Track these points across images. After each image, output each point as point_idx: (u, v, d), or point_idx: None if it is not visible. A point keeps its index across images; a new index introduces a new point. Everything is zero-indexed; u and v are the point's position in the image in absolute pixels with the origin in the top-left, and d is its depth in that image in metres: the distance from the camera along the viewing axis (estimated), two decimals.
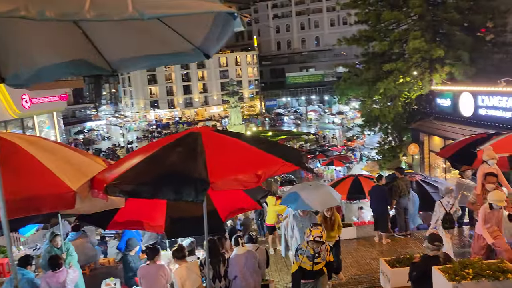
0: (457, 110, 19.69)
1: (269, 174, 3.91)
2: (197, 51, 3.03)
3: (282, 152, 4.26)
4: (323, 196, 7.50)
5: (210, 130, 4.51)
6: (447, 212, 8.18)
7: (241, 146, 4.24)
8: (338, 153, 37.79)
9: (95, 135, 66.57)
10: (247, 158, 4.01)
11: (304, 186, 7.95)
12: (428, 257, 5.20)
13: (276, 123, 68.56)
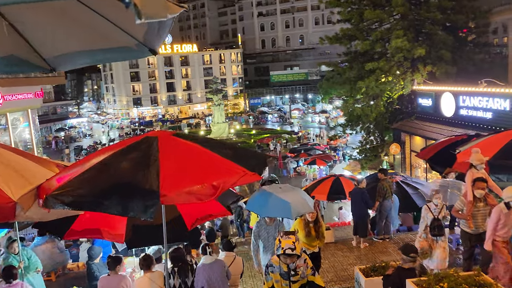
0: (438, 110, 19.67)
1: (228, 185, 3.58)
2: (141, 46, 2.69)
3: (245, 160, 3.93)
4: (296, 200, 6.64)
5: (169, 135, 4.14)
6: (435, 218, 7.64)
7: (201, 153, 3.89)
8: (321, 152, 37.67)
9: (77, 132, 65.29)
10: (206, 167, 3.67)
11: (273, 188, 7.01)
12: (403, 269, 4.91)
13: (260, 121, 68.25)
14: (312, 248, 7.29)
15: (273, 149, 42.23)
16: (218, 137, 51.22)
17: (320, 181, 18.12)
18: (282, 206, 6.35)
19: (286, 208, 6.32)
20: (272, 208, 6.46)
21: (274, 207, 6.42)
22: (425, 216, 7.82)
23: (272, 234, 6.54)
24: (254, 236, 6.81)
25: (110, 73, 78.42)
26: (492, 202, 6.96)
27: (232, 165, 3.74)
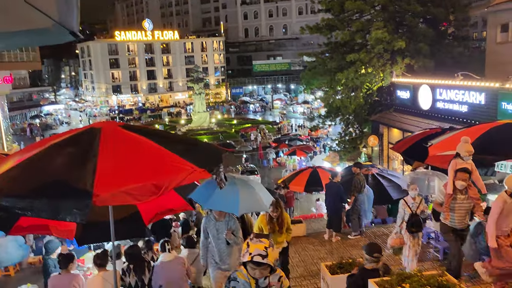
0: (416, 103, 19.68)
1: (174, 183, 3.28)
2: (59, 26, 2.35)
3: (197, 155, 3.64)
4: (248, 196, 6.04)
5: (116, 126, 3.81)
6: (413, 213, 7.16)
7: (147, 148, 3.58)
8: (301, 142, 37.63)
9: (53, 119, 63.76)
10: (150, 164, 3.36)
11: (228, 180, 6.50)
12: (365, 270, 4.71)
13: (241, 111, 67.87)
14: (279, 245, 6.92)
15: (254, 139, 41.99)
16: (199, 127, 50.73)
17: (298, 172, 18.00)
18: (230, 200, 5.79)
19: (233, 203, 5.78)
20: (217, 201, 5.78)
21: (220, 200, 5.76)
22: (402, 211, 7.34)
23: (222, 231, 5.98)
24: (203, 233, 6.21)
25: (88, 59, 76.65)
26: (474, 195, 6.46)
27: (181, 161, 3.44)
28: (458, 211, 6.48)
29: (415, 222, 7.13)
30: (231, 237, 5.93)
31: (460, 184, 6.34)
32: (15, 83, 62.75)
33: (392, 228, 10.44)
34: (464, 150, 6.82)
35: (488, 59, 20.60)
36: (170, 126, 54.98)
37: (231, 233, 5.93)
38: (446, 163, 10.05)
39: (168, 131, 7.21)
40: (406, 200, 7.35)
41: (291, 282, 7.43)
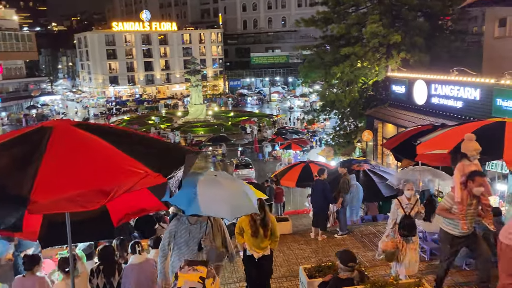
0: (411, 98, 19.41)
1: (124, 188, 3.03)
2: None
3: (155, 158, 3.40)
4: (234, 198, 5.32)
5: (69, 125, 3.56)
6: (406, 215, 6.47)
7: (100, 149, 3.33)
8: (302, 136, 37.41)
9: (49, 110, 63.32)
10: (99, 167, 3.11)
11: (208, 180, 5.41)
12: (339, 280, 4.46)
13: (239, 103, 67.49)
14: (261, 251, 6.18)
15: (249, 132, 41.73)
16: (196, 119, 50.41)
17: (290, 167, 17.82)
18: (218, 203, 5.14)
19: (222, 206, 5.16)
20: (204, 205, 5.02)
21: (207, 203, 5.04)
22: (394, 212, 6.66)
23: (196, 236, 5.29)
24: (169, 237, 5.34)
25: (85, 50, 76.09)
26: (485, 202, 5.76)
27: (135, 164, 3.20)
28: (467, 217, 5.72)
29: (407, 225, 6.45)
30: (208, 243, 5.38)
31: (478, 191, 5.58)
32: (10, 73, 62.52)
33: (381, 227, 10.26)
34: (472, 149, 6.23)
35: (485, 54, 20.29)
36: (166, 118, 54.66)
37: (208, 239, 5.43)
38: (435, 161, 9.83)
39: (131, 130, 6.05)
40: (400, 200, 6.70)
41: (272, 282, 7.23)
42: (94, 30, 77.97)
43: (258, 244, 6.17)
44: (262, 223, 6.14)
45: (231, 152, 35.70)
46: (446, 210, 5.88)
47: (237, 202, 5.27)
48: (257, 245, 6.18)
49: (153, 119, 52.29)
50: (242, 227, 6.28)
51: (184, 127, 47.25)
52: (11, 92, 62.30)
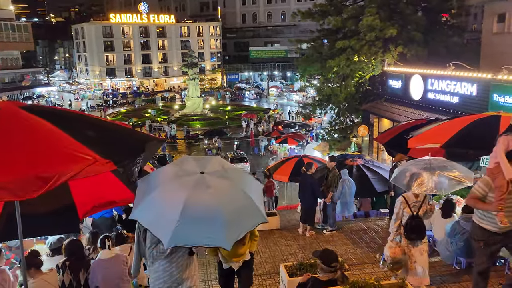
0: (407, 93, 19.11)
1: (68, 176, 2.72)
2: None
3: (107, 144, 3.08)
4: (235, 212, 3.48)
5: (15, 106, 3.24)
6: (414, 215, 5.57)
7: (44, 133, 3.01)
8: (293, 130, 37.10)
9: (45, 101, 62.84)
10: (39, 152, 2.80)
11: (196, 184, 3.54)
12: (319, 282, 4.11)
13: (237, 97, 67.07)
14: (240, 258, 5.21)
15: (245, 126, 41.40)
16: (192, 112, 50.03)
17: (283, 161, 17.54)
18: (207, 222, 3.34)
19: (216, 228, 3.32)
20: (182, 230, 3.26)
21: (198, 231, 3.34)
22: (399, 212, 5.72)
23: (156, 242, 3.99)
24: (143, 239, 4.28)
25: (82, 41, 75.41)
26: None
27: (82, 149, 2.88)
28: (508, 208, 4.54)
29: (416, 227, 5.55)
30: None
31: None
32: (6, 64, 61.88)
33: (371, 223, 9.99)
34: None
35: (483, 50, 19.97)
36: (163, 111, 54.27)
37: None
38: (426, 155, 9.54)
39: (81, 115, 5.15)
40: (407, 198, 5.71)
41: (255, 279, 6.94)
42: (92, 21, 77.20)
43: (235, 252, 4.99)
44: None
45: (227, 145, 35.39)
46: (478, 200, 4.75)
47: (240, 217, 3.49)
48: (234, 253, 5.00)
49: (150, 111, 51.89)
50: None
51: (181, 120, 46.90)
52: (7, 82, 61.66)
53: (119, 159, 3.00)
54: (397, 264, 5.65)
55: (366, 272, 6.93)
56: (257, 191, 3.93)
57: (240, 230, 3.37)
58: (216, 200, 3.42)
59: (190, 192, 3.41)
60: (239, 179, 3.88)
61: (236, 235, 3.31)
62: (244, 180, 3.96)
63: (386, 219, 10.30)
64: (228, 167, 4.09)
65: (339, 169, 12.12)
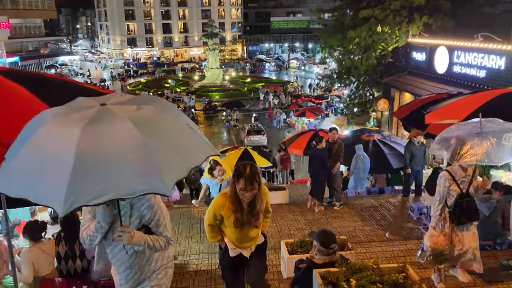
0: (431, 66, 18.30)
1: None
2: None
3: None
4: None
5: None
6: (463, 193, 4.59)
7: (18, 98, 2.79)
8: (313, 104, 36.50)
9: (68, 70, 63.43)
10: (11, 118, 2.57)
11: (86, 115, 2.51)
12: (314, 265, 3.85)
13: (257, 69, 66.26)
14: (252, 243, 3.98)
15: (263, 99, 40.94)
16: (212, 83, 49.73)
17: (298, 134, 17.22)
18: (125, 163, 2.35)
19: (140, 169, 2.35)
20: (82, 181, 2.26)
21: (92, 173, 2.28)
22: (443, 190, 4.63)
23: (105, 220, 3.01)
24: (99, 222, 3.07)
25: (104, 10, 75.24)
26: None
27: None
28: None
29: (467, 207, 4.57)
30: (127, 234, 2.90)
31: None
32: (29, 31, 62.34)
33: (383, 200, 9.67)
34: None
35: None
36: (183, 82, 54.11)
37: (128, 228, 2.96)
38: None
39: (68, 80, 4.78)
40: (452, 173, 4.63)
41: None
42: None
43: (246, 235, 3.88)
44: (252, 205, 3.70)
45: (245, 118, 35.14)
46: None
47: (178, 149, 2.58)
48: (244, 238, 3.89)
49: (169, 82, 51.81)
50: (220, 214, 3.81)
51: (200, 91, 46.72)
52: (31, 51, 62.27)
53: None
54: (440, 257, 4.70)
55: (373, 251, 6.68)
56: (191, 121, 2.97)
57: (181, 168, 2.48)
58: (135, 131, 2.39)
59: (88, 128, 2.36)
60: (164, 105, 2.94)
61: (176, 175, 2.44)
62: (171, 107, 3.07)
63: (399, 197, 9.97)
64: (146, 97, 3.25)
65: (355, 144, 11.79)
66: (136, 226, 3.08)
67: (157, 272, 3.30)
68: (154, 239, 3.09)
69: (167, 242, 3.19)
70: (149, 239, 3.06)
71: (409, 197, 9.83)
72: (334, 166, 9.09)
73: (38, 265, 4.75)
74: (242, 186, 3.55)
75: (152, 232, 3.13)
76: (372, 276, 3.47)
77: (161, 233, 3.16)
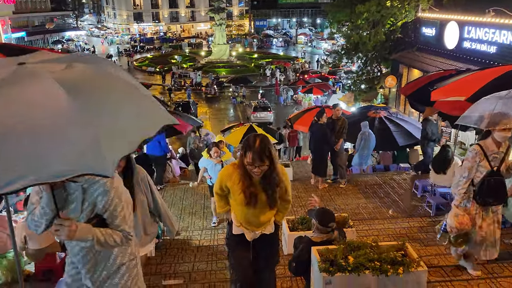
0: (441, 42, 17.95)
1: None
2: None
3: None
4: None
5: None
6: (494, 171, 4.13)
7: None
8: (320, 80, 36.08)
9: (74, 45, 63.12)
10: None
11: None
12: (312, 243, 3.84)
13: (264, 45, 65.42)
14: (259, 229, 3.53)
15: (269, 76, 40.55)
16: (218, 59, 49.26)
17: (304, 111, 17.10)
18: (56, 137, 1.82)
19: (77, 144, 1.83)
20: None
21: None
22: (472, 164, 4.16)
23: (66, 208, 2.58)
24: None
25: None
26: None
27: None
28: None
29: (495, 186, 4.11)
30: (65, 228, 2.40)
31: None
32: (35, 6, 61.84)
33: (387, 177, 9.63)
34: None
35: None
36: (189, 57, 53.67)
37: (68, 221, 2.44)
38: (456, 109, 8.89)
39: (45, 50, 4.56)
40: (484, 147, 4.15)
41: None
42: None
43: (253, 218, 3.44)
44: (266, 181, 3.25)
45: (252, 94, 34.92)
46: None
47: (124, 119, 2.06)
48: (252, 220, 3.46)
49: (176, 58, 51.43)
50: (226, 185, 3.42)
51: (207, 67, 46.37)
52: (37, 26, 61.92)
53: None
54: (462, 238, 4.31)
55: (375, 228, 6.69)
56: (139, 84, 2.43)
57: (126, 141, 1.97)
58: (62, 94, 1.89)
59: None
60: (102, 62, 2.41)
61: (119, 149, 1.91)
62: (112, 65, 2.50)
63: (404, 174, 9.92)
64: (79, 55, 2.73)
65: (361, 121, 11.69)
66: (88, 216, 2.54)
67: (117, 271, 2.75)
68: (106, 233, 2.52)
69: (125, 237, 2.61)
70: (99, 234, 2.49)
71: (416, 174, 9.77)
72: (337, 142, 9.01)
73: (31, 237, 4.79)
74: (250, 160, 3.09)
75: (106, 224, 2.58)
76: (370, 254, 3.46)
77: (117, 226, 2.57)
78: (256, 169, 3.12)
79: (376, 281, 3.38)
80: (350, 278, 3.38)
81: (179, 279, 4.94)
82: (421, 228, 6.66)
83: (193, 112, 25.85)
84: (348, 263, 3.39)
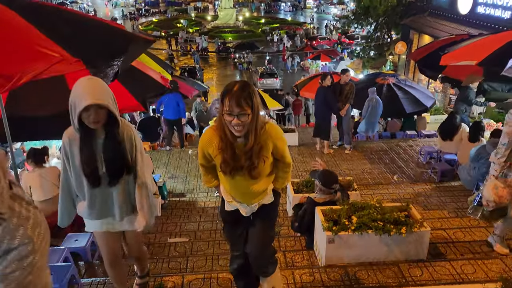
0: (454, 6, 17.42)
1: (32, 74, 2.45)
2: None
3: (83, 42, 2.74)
4: None
5: None
6: None
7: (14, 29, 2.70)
8: (328, 46, 35.45)
9: (78, 8, 62.10)
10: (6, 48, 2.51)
11: None
12: (315, 203, 3.87)
13: (272, 9, 64.01)
14: (256, 199, 2.84)
15: (277, 41, 39.86)
16: (225, 24, 48.39)
17: (311, 77, 16.89)
18: None
19: None
20: None
21: None
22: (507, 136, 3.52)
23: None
24: None
25: None
26: None
27: (51, 47, 2.58)
28: None
29: None
30: None
31: None
32: None
33: (393, 144, 9.60)
34: None
35: None
36: (195, 22, 52.77)
37: None
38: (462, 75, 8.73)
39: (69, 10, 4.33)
40: None
41: None
42: None
43: (246, 189, 2.77)
44: (246, 149, 2.56)
45: (258, 60, 34.47)
46: None
47: None
48: (244, 191, 2.79)
49: (182, 22, 50.56)
50: (208, 152, 2.69)
51: (213, 32, 45.63)
52: None
53: (92, 58, 2.69)
54: (499, 212, 3.89)
55: (379, 193, 6.72)
56: None
57: None
58: None
59: None
60: None
61: None
62: None
63: (410, 141, 9.87)
64: None
65: (369, 87, 11.52)
66: None
67: None
68: None
69: None
70: None
71: (420, 140, 9.74)
72: (344, 108, 8.91)
73: (34, 189, 4.85)
74: (227, 108, 2.38)
75: None
76: (374, 214, 3.49)
77: None
78: (235, 119, 2.38)
79: (379, 240, 3.42)
80: (353, 237, 3.42)
81: (184, 237, 5.04)
82: (426, 194, 6.68)
83: (199, 78, 25.65)
84: (351, 223, 3.42)
